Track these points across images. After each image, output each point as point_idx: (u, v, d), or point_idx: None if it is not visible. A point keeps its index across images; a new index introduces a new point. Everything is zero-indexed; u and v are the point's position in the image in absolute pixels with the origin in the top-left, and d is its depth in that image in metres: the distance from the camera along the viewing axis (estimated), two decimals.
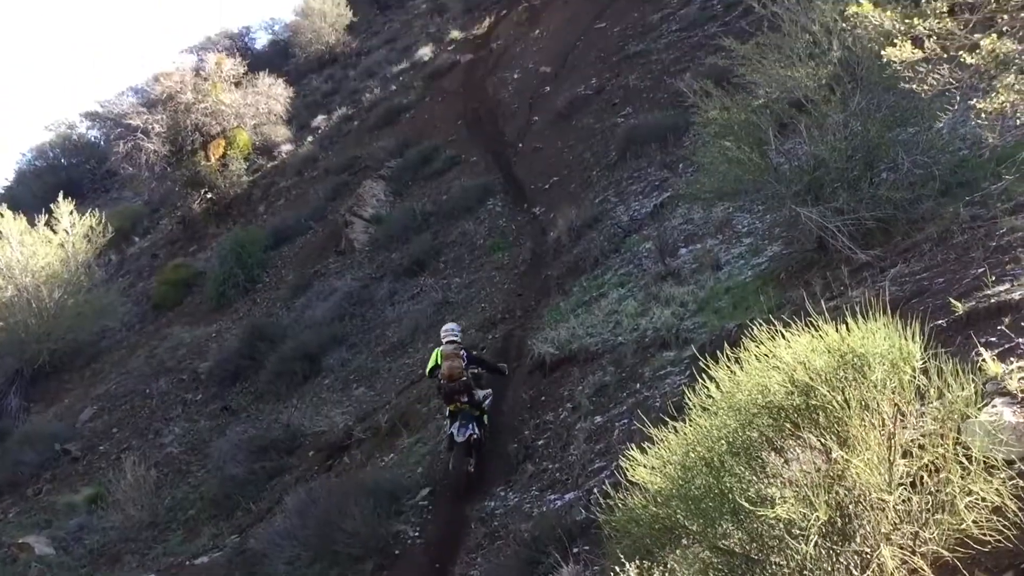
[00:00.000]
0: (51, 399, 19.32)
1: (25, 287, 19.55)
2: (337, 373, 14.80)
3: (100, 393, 18.30)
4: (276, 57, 38.22)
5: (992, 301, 5.18)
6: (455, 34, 30.96)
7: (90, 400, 18.18)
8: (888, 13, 4.05)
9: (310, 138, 28.78)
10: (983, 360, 4.17)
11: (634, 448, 4.45)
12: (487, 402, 10.04)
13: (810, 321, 4.03)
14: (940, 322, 5.28)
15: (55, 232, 20.63)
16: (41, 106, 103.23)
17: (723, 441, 3.92)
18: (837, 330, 3.87)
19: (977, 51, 3.83)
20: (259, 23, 55.84)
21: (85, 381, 19.58)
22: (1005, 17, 3.76)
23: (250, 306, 19.95)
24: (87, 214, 21.44)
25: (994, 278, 5.43)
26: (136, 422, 16.49)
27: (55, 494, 14.83)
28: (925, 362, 3.78)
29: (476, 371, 10.02)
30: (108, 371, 19.52)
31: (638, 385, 8.86)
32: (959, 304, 5.25)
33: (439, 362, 9.83)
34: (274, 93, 27.77)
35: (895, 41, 3.99)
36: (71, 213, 20.99)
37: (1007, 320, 4.77)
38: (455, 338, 10.00)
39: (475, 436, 9.44)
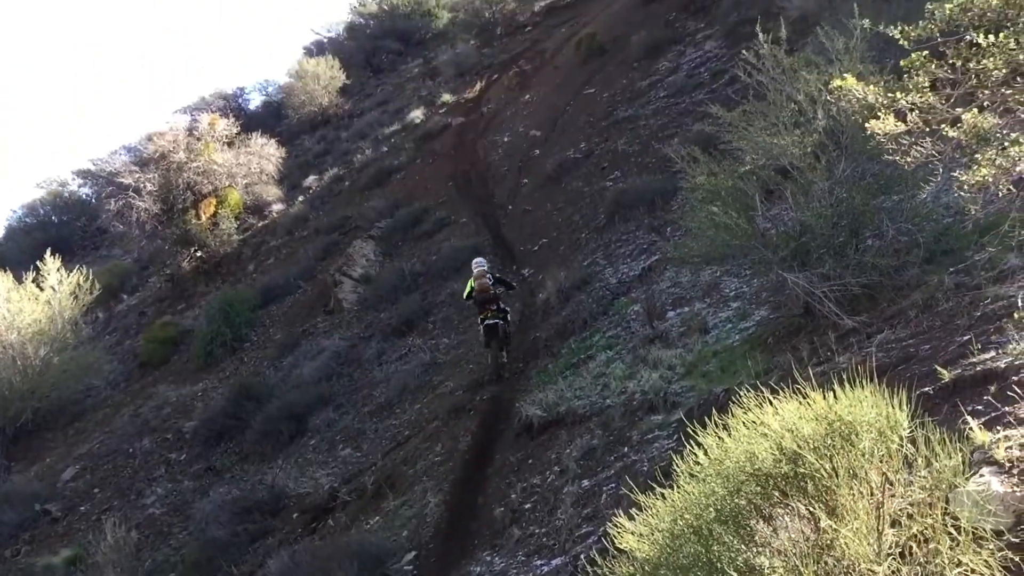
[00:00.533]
0: (33, 458, 19.03)
1: (11, 344, 19.38)
2: (323, 434, 14.67)
3: (83, 452, 18.06)
4: (269, 118, 38.70)
5: (978, 369, 5.21)
6: (447, 97, 31.44)
7: (72, 459, 17.92)
8: (871, 87, 4.15)
9: (301, 198, 28.96)
10: (970, 429, 4.17)
11: (622, 514, 4.42)
12: (508, 314, 13.72)
13: (798, 387, 4.04)
14: (927, 389, 5.29)
15: (42, 289, 20.53)
16: (33, 164, 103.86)
17: (711, 509, 3.89)
18: (825, 397, 3.88)
19: (959, 125, 3.92)
20: (253, 84, 56.62)
21: (68, 440, 19.33)
22: (986, 92, 3.86)
23: (237, 365, 19.83)
24: (74, 271, 21.37)
25: (980, 346, 5.46)
26: (118, 482, 16.25)
27: (34, 556, 14.53)
28: (912, 430, 3.79)
29: (500, 289, 13.70)
30: (92, 430, 19.29)
31: (626, 449, 8.81)
32: (945, 371, 5.28)
33: (473, 285, 13.50)
34: (266, 153, 28.00)
35: (878, 114, 4.09)
36: (58, 270, 20.91)
37: (993, 388, 4.78)
38: (483, 267, 13.75)
39: (501, 325, 13.27)
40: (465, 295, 13.91)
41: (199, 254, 26.14)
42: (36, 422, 19.71)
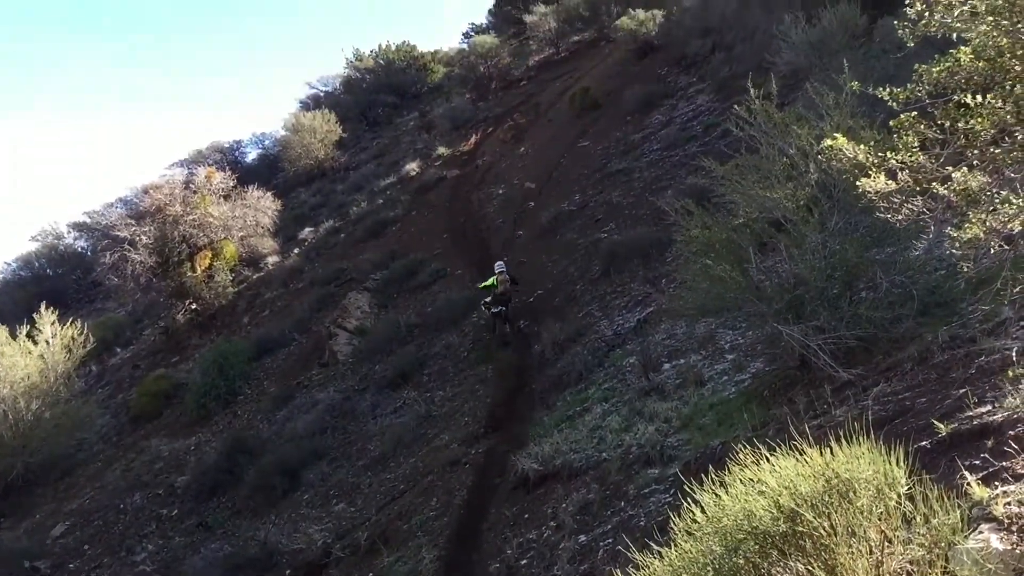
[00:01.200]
0: (23, 514, 18.76)
1: (2, 398, 19.23)
2: (317, 488, 14.50)
3: (73, 508, 17.82)
4: (266, 171, 38.93)
5: (975, 423, 5.19)
6: (442, 150, 31.69)
7: (62, 515, 17.67)
8: (861, 147, 4.20)
9: (297, 250, 29.01)
10: (968, 484, 4.15)
11: (619, 572, 4.36)
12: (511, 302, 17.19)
13: (794, 443, 4.02)
14: (924, 443, 5.28)
15: (36, 343, 20.42)
16: (28, 217, 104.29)
17: (709, 568, 3.85)
18: (822, 453, 3.86)
19: (949, 183, 3.95)
20: (250, 137, 57.04)
21: (59, 495, 19.09)
22: (975, 152, 3.90)
23: (231, 418, 19.68)
24: (68, 324, 21.28)
25: (976, 399, 5.45)
26: (109, 539, 16.01)
27: None
28: (911, 487, 3.77)
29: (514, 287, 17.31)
30: (83, 485, 19.06)
31: (623, 503, 8.73)
32: (942, 426, 5.26)
33: (496, 284, 16.98)
34: (262, 206, 28.12)
35: (869, 172, 4.12)
36: (52, 324, 20.82)
37: (990, 443, 4.77)
38: (503, 270, 17.19)
39: (505, 311, 16.90)
40: (484, 285, 17.34)
41: (194, 307, 26.09)
42: (26, 477, 19.45)
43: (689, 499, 4.19)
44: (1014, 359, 5.58)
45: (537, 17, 38.13)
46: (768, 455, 4.00)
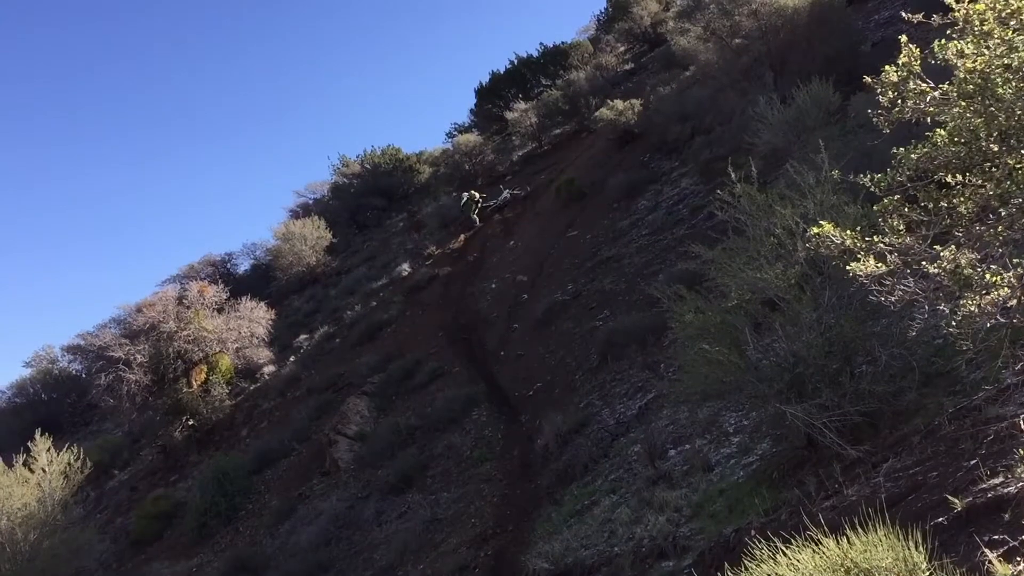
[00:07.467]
0: None
1: (0, 531, 18.83)
2: None
3: None
4: (258, 280, 39.03)
5: (989, 495, 5.09)
6: (432, 249, 31.90)
7: None
8: (848, 232, 4.22)
9: (292, 358, 28.90)
10: (989, 562, 4.04)
11: None
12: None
13: (809, 533, 3.93)
14: (940, 520, 5.17)
15: (32, 471, 20.09)
16: (21, 343, 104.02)
17: None
18: (838, 542, 3.76)
19: (938, 261, 3.96)
20: (241, 248, 57.08)
21: None
22: (960, 231, 3.92)
23: (232, 536, 19.29)
24: (65, 450, 20.98)
25: (987, 471, 5.36)
26: None
27: None
28: (931, 572, 3.67)
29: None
30: None
31: None
32: (957, 500, 5.16)
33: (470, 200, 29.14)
34: (256, 316, 28.14)
35: (858, 256, 4.13)
36: (48, 450, 20.53)
37: (1007, 516, 4.67)
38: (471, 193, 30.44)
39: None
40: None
41: (191, 423, 25.86)
42: None
43: None
44: (1022, 428, 5.51)
45: (517, 114, 38.91)
46: (783, 547, 3.90)
